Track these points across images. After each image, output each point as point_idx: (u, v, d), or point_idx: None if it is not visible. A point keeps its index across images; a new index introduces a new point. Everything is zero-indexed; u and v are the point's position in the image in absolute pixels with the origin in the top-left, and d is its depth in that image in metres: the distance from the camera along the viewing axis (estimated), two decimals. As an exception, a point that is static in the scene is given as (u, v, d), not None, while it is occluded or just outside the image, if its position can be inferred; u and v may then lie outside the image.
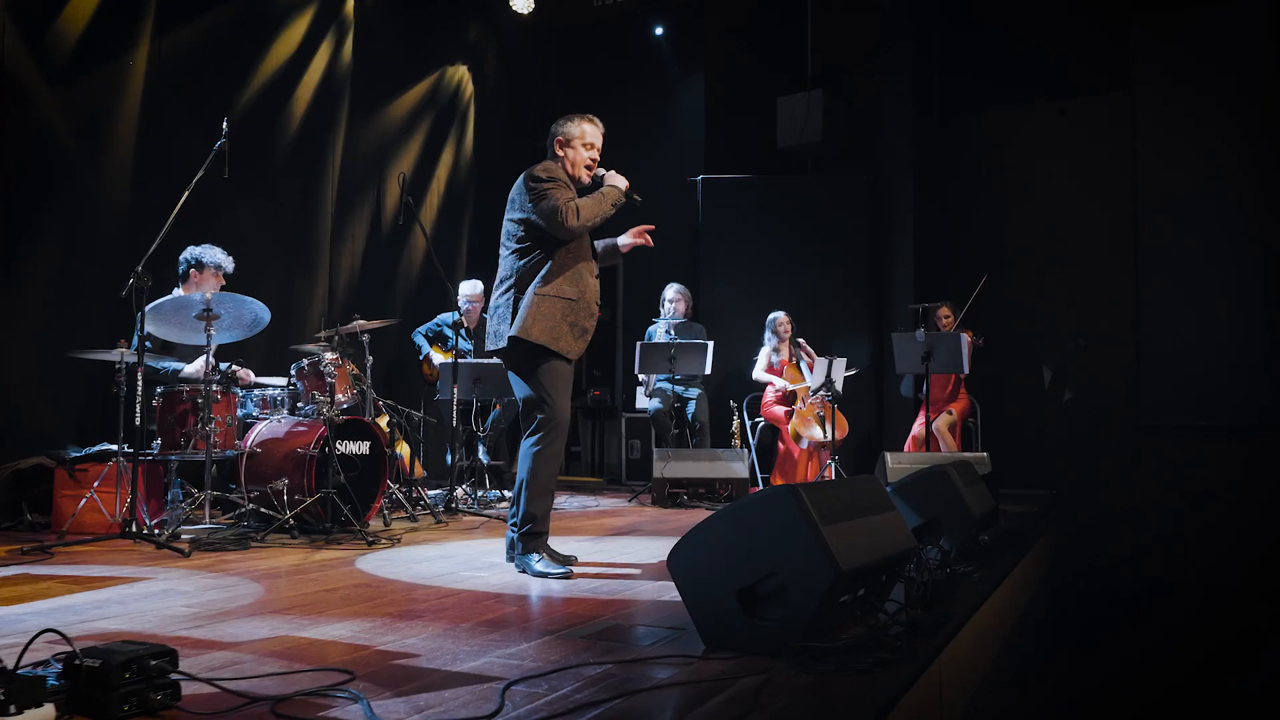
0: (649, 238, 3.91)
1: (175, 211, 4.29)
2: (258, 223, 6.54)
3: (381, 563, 3.74)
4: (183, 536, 4.26)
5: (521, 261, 3.62)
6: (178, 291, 5.04)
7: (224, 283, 5.18)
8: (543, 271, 3.60)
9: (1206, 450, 7.19)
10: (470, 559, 3.88)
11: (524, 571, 3.51)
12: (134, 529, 4.02)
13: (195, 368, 4.98)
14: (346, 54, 7.31)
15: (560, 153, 3.76)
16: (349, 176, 7.35)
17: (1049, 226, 8.15)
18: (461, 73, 8.55)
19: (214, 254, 5.12)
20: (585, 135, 3.76)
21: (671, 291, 7.53)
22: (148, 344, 4.92)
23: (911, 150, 8.12)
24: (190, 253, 5.11)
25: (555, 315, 3.55)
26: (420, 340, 7.25)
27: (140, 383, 4.18)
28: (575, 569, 3.58)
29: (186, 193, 4.32)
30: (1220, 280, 7.40)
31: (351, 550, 4.07)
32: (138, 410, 4.18)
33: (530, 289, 3.58)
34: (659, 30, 9.12)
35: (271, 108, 6.67)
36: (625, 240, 3.98)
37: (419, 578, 3.38)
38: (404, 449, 6.30)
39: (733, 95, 9.05)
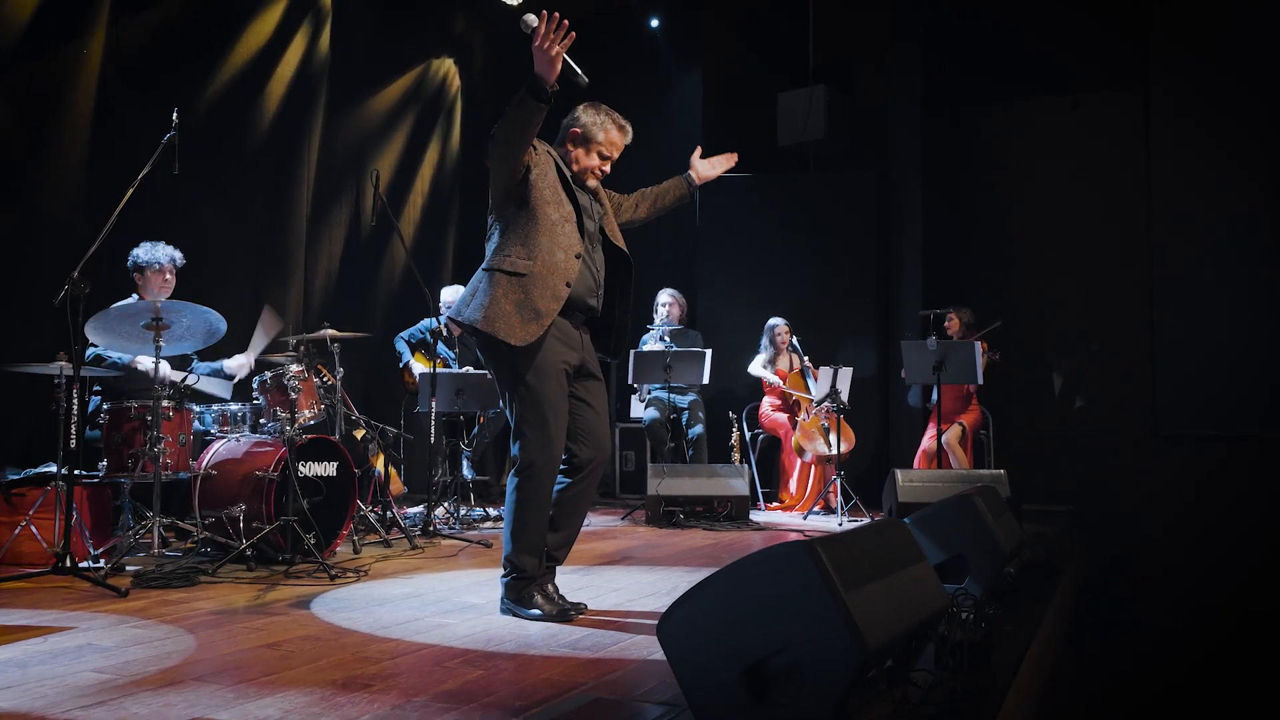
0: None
1: (118, 211, 3.88)
2: (225, 224, 6.13)
3: (340, 604, 3.33)
4: (128, 569, 3.88)
5: (489, 239, 3.17)
6: (134, 299, 4.64)
7: (173, 280, 4.73)
8: (493, 243, 3.12)
9: (1228, 460, 6.79)
10: (441, 598, 3.48)
11: (509, 613, 3.11)
12: (68, 563, 3.61)
13: (153, 365, 4.58)
14: (324, 45, 6.90)
15: (570, 147, 3.21)
16: (326, 175, 6.93)
17: (1061, 228, 7.76)
18: (447, 66, 8.14)
19: (153, 252, 4.66)
20: (611, 143, 3.20)
21: (665, 295, 7.13)
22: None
23: (920, 147, 7.71)
24: (131, 256, 4.68)
25: (496, 293, 3.00)
26: (402, 347, 6.83)
27: (75, 400, 3.76)
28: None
29: (131, 190, 3.91)
30: (1239, 283, 6.98)
31: (311, 587, 3.67)
32: (72, 428, 3.75)
33: (482, 266, 3.13)
34: (654, 23, 8.72)
35: (241, 101, 6.26)
36: (707, 167, 3.48)
37: (378, 626, 2.97)
38: (382, 464, 5.90)
39: (731, 90, 8.64)
